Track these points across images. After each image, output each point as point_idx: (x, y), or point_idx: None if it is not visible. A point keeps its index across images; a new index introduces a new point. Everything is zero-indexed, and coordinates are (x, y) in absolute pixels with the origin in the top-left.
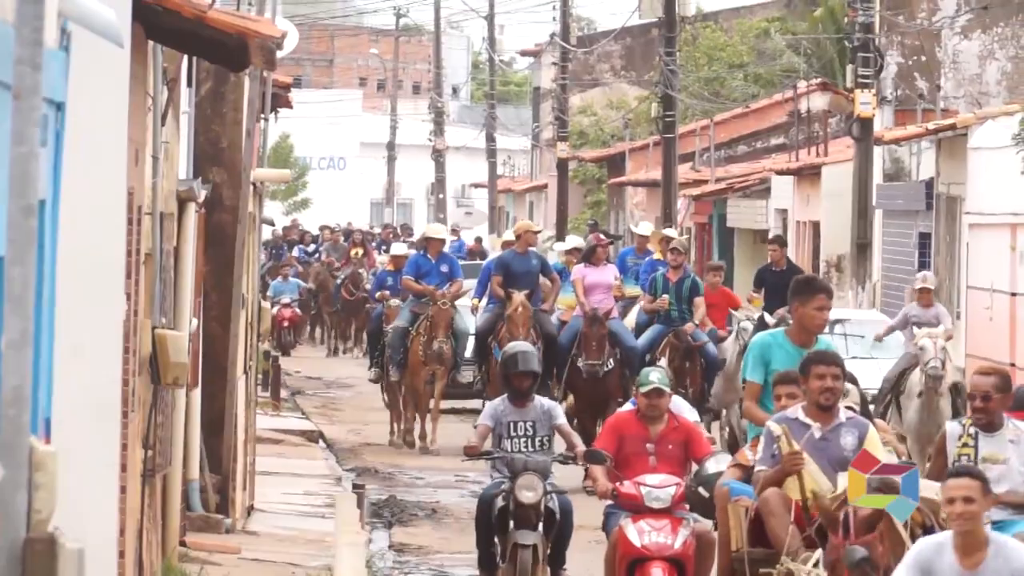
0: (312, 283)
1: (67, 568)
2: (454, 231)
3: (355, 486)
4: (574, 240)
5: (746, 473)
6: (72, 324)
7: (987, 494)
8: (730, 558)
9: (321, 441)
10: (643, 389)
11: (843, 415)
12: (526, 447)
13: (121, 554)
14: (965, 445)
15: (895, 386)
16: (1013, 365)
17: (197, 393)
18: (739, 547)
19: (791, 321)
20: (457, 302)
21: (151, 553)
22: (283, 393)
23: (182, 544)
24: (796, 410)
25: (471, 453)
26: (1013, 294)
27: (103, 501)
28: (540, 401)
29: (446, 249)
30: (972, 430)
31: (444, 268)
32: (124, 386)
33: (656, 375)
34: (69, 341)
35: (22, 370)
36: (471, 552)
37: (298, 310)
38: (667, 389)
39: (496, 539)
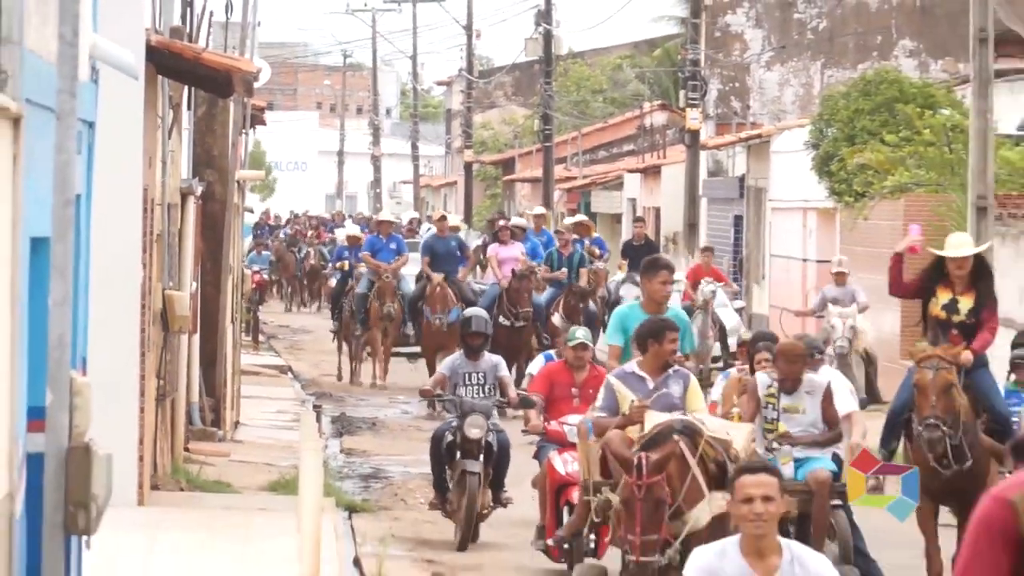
0: (273, 256)
1: (99, 469)
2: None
3: (315, 406)
4: (580, 216)
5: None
6: (102, 287)
7: (783, 493)
8: (583, 485)
9: (289, 373)
10: (571, 343)
11: (671, 369)
12: (477, 394)
13: (140, 458)
14: (771, 395)
15: None
16: (802, 312)
17: (196, 338)
18: (588, 476)
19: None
20: (404, 271)
21: (163, 457)
22: (261, 337)
23: (186, 450)
24: (632, 365)
25: (426, 395)
26: (804, 260)
27: (126, 419)
28: (489, 357)
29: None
30: (776, 385)
31: (392, 246)
32: (141, 333)
33: (582, 332)
34: (100, 300)
35: (64, 322)
36: (402, 454)
37: (266, 276)
38: (590, 344)
39: (447, 467)
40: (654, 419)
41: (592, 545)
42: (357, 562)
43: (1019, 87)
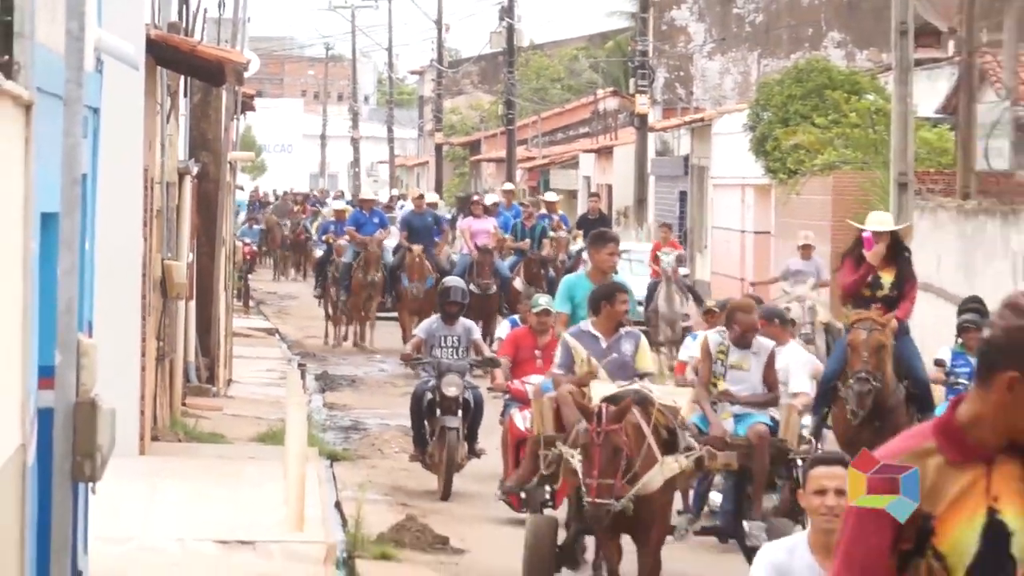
0: (264, 227)
1: (104, 423)
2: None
3: (299, 365)
4: (552, 195)
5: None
6: (106, 258)
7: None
8: (535, 438)
9: (277, 335)
10: (535, 310)
11: (623, 329)
12: (452, 355)
13: (141, 412)
14: (721, 351)
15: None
16: (742, 279)
17: (192, 304)
18: (540, 430)
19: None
20: (387, 243)
21: (162, 411)
22: (251, 303)
23: (183, 405)
24: (587, 324)
25: (406, 359)
26: (742, 231)
27: (128, 377)
28: (463, 321)
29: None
30: (727, 342)
31: (376, 220)
32: (142, 299)
33: (544, 299)
34: (104, 269)
35: (71, 289)
36: (379, 408)
37: (255, 247)
38: (553, 310)
39: (426, 423)
40: (599, 388)
41: (548, 497)
42: (338, 506)
43: (936, 74)
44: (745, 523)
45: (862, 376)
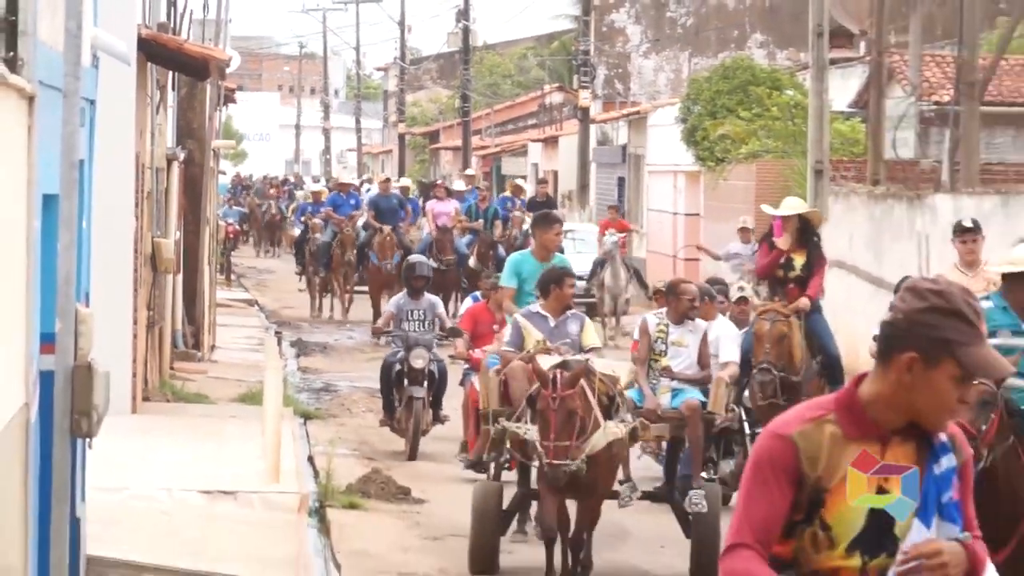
0: (246, 209)
1: (99, 384)
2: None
3: (276, 332)
4: (520, 181)
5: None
6: (102, 234)
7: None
8: (484, 413)
9: (256, 306)
10: (491, 286)
11: (569, 311)
12: (419, 328)
13: (133, 375)
14: (661, 331)
15: None
16: (675, 256)
17: (180, 277)
18: (487, 405)
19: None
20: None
21: (152, 374)
22: (232, 277)
23: (171, 368)
24: (536, 306)
25: (377, 332)
26: (674, 213)
27: (122, 342)
28: (428, 297)
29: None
30: (666, 321)
31: (352, 202)
32: (134, 273)
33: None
34: (100, 245)
35: (70, 263)
36: (348, 372)
37: (237, 227)
38: (509, 284)
39: (395, 391)
40: (544, 360)
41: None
42: (311, 460)
43: (849, 72)
44: (690, 492)
45: (764, 367)
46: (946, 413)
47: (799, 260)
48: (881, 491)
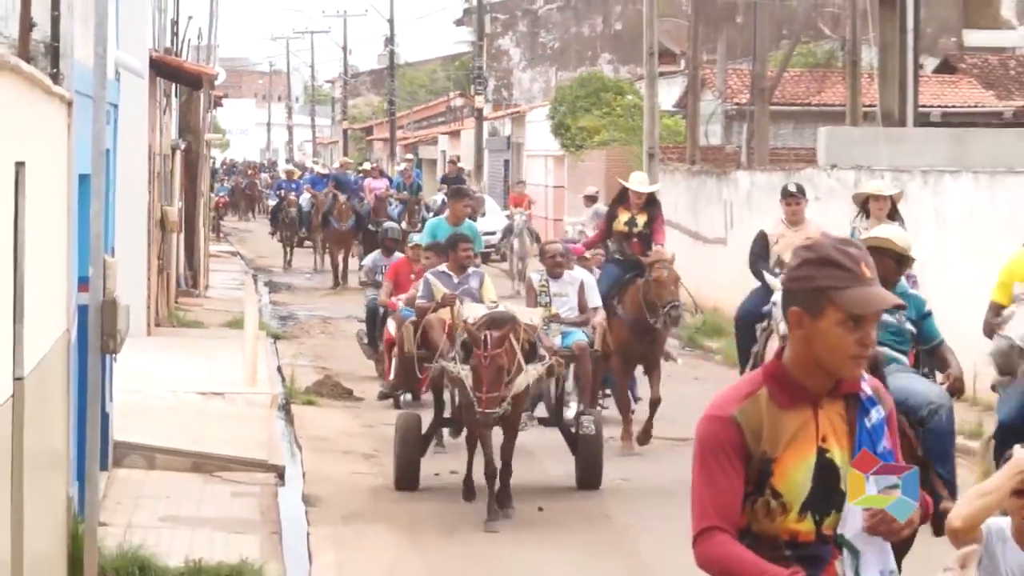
0: (231, 186)
1: (122, 314)
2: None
3: (253, 275)
4: (460, 164)
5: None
6: (123, 205)
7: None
8: (404, 356)
9: (238, 256)
10: (410, 244)
11: (470, 269)
12: None
13: (148, 308)
14: (543, 286)
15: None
16: (559, 220)
17: (182, 235)
18: (409, 349)
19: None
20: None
21: (162, 307)
22: (221, 235)
23: (176, 303)
24: (443, 266)
25: (364, 282)
26: (545, 187)
27: (138, 283)
28: (397, 255)
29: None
30: (546, 278)
31: (326, 183)
32: (148, 232)
33: (417, 237)
34: (122, 211)
35: (99, 225)
36: (306, 304)
37: (226, 198)
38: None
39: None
40: (470, 308)
41: (410, 396)
42: (279, 369)
43: (672, 81)
44: (581, 417)
45: (676, 304)
46: (847, 359)
47: (642, 219)
48: (822, 451)
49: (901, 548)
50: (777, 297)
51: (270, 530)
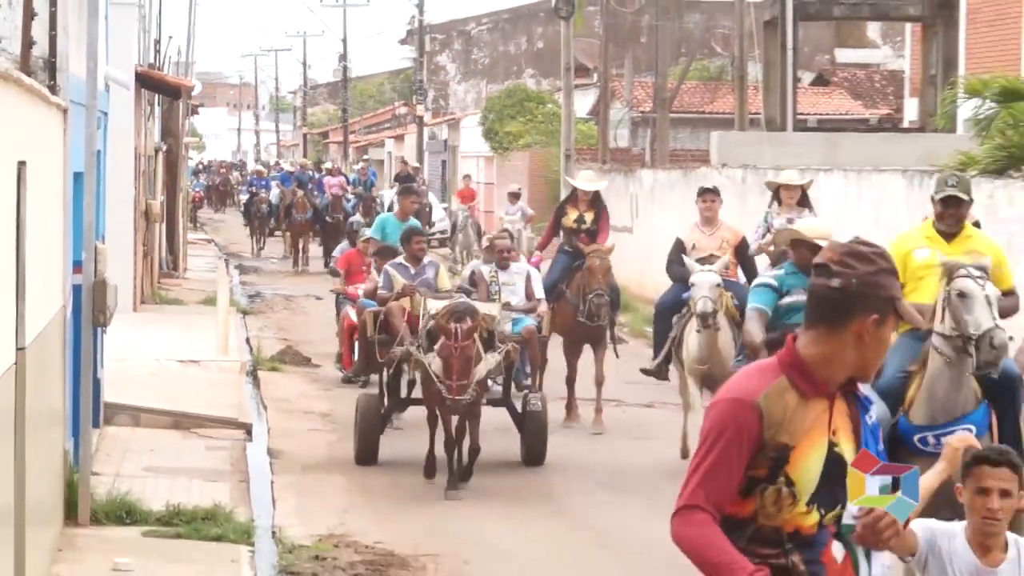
0: (206, 182)
1: (111, 293)
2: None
3: (225, 260)
4: (414, 164)
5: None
6: (112, 198)
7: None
8: (367, 341)
9: (213, 243)
10: (362, 239)
11: (426, 260)
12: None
13: (134, 287)
14: (493, 277)
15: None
16: (490, 212)
17: (164, 224)
18: (371, 335)
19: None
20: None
21: (146, 287)
22: (198, 224)
23: (158, 283)
24: (400, 259)
25: (332, 271)
26: (477, 183)
27: (126, 266)
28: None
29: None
30: (495, 269)
31: (292, 180)
32: (134, 221)
33: (368, 231)
34: (111, 204)
35: (91, 215)
36: (271, 283)
37: (201, 193)
38: (375, 236)
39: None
40: (432, 303)
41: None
42: (247, 340)
43: (586, 92)
44: (529, 395)
45: (599, 292)
46: (879, 364)
47: (589, 216)
48: (832, 444)
49: None
50: (704, 279)
51: (239, 479)
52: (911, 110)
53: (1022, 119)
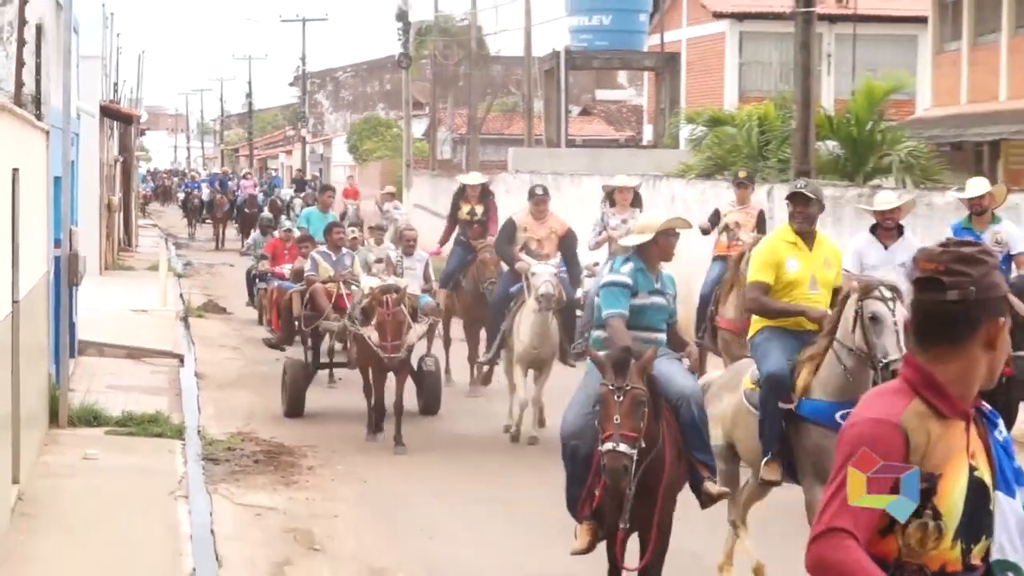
0: (153, 184)
1: (82, 263)
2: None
3: (166, 238)
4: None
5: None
6: (84, 192)
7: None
8: (291, 319)
9: (157, 227)
10: (283, 228)
11: (344, 249)
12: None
13: (99, 257)
14: (399, 260)
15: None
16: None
17: (121, 214)
18: (297, 312)
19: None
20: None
21: (108, 257)
22: (146, 214)
23: (118, 255)
24: (324, 247)
25: (244, 254)
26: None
27: (93, 242)
28: (274, 234)
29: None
30: (401, 255)
31: (227, 183)
32: (99, 211)
33: (288, 223)
34: (83, 199)
35: (67, 206)
36: (199, 255)
37: (150, 192)
38: (303, 225)
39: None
40: (367, 280)
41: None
42: (181, 295)
43: (422, 120)
44: (424, 358)
45: (493, 280)
46: (999, 369)
47: (479, 209)
48: (972, 468)
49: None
50: (545, 269)
51: (175, 393)
52: (648, 133)
53: (724, 138)
